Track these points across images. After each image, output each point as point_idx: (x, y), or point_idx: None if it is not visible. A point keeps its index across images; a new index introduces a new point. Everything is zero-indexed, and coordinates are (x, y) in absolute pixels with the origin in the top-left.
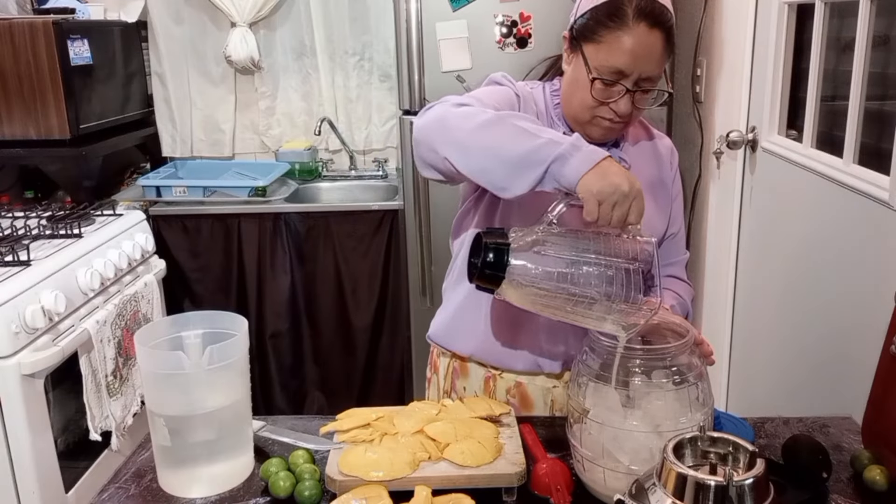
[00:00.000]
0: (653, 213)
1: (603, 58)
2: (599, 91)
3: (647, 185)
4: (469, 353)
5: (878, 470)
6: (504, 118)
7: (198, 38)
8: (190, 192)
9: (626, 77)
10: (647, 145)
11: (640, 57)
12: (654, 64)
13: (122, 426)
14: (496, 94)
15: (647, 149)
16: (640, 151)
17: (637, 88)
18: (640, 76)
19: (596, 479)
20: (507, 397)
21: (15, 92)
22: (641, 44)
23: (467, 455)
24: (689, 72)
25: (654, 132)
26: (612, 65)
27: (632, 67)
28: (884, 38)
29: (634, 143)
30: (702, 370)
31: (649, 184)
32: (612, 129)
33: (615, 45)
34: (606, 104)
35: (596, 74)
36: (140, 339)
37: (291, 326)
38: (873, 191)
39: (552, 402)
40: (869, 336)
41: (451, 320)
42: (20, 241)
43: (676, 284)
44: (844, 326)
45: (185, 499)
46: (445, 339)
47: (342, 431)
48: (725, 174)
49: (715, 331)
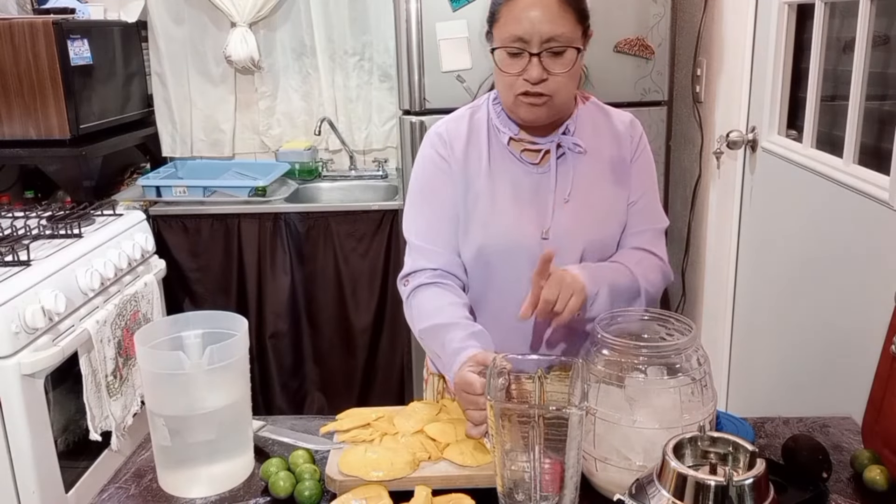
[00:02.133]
0: (614, 192)
1: (503, 30)
2: (507, 63)
3: (607, 165)
4: None
5: (878, 470)
6: (425, 338)
7: (198, 38)
8: (190, 192)
9: (528, 43)
10: (604, 127)
11: (533, 19)
12: (551, 23)
13: (122, 426)
14: (428, 197)
15: (604, 130)
16: (596, 134)
17: (543, 50)
18: (542, 38)
19: (591, 471)
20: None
21: (15, 92)
22: (531, 5)
23: (467, 455)
24: (689, 72)
25: (612, 112)
26: (511, 33)
27: (529, 31)
28: (884, 38)
29: (591, 128)
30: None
31: (609, 163)
32: (536, 104)
33: (509, 16)
34: (520, 76)
35: (497, 53)
36: (140, 339)
37: (291, 326)
38: (873, 191)
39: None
40: (869, 336)
41: None
42: (20, 241)
43: (629, 255)
44: (844, 326)
45: (185, 499)
46: None
47: (342, 431)
48: (725, 174)
49: (715, 330)
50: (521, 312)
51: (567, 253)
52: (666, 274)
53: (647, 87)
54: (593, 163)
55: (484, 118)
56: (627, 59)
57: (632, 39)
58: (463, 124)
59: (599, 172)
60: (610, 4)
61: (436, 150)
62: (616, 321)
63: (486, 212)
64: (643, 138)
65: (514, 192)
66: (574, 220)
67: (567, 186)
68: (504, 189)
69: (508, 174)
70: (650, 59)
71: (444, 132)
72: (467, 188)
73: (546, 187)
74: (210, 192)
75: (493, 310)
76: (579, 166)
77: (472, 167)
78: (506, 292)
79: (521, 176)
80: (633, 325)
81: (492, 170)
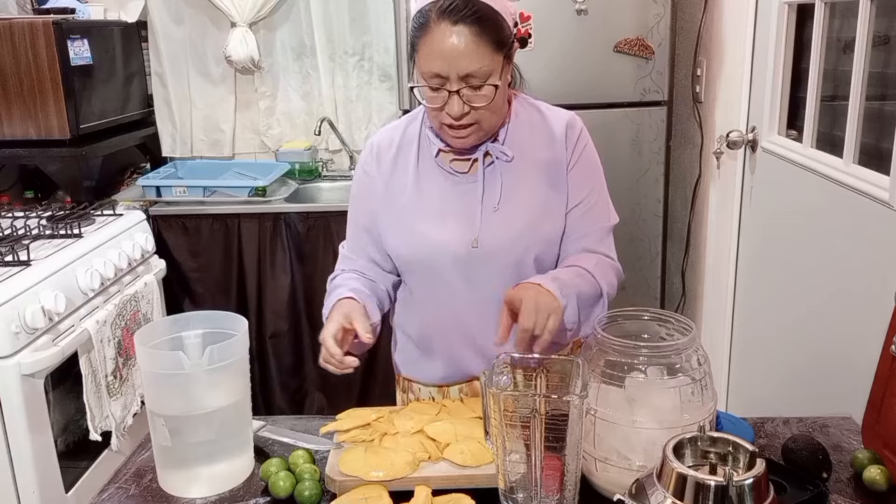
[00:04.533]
0: (548, 195)
1: (422, 65)
2: (429, 98)
3: (541, 167)
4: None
5: (878, 470)
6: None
7: (198, 38)
8: (190, 192)
9: (446, 79)
10: (540, 128)
11: (449, 56)
12: (468, 59)
13: (122, 426)
14: (353, 208)
15: (539, 132)
16: (531, 137)
17: (462, 87)
18: (459, 74)
19: (591, 471)
20: (461, 395)
21: (15, 92)
22: (447, 43)
23: (467, 455)
24: (689, 72)
25: (549, 113)
26: (429, 69)
27: (445, 68)
28: (884, 38)
29: (527, 130)
30: (705, 367)
31: (543, 165)
32: (461, 135)
33: (426, 51)
34: (443, 110)
35: (418, 82)
36: (140, 339)
37: (291, 326)
38: (873, 191)
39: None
40: (869, 336)
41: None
42: (20, 241)
43: (585, 259)
44: (844, 326)
45: (185, 499)
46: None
47: (342, 431)
48: (725, 174)
49: (715, 330)
50: (497, 340)
51: (499, 260)
52: (619, 273)
53: (647, 87)
54: (526, 167)
55: (417, 130)
56: (627, 59)
57: (632, 39)
58: (397, 135)
59: (533, 177)
60: (610, 4)
61: (364, 164)
62: (616, 321)
63: (412, 224)
64: (582, 138)
65: (442, 202)
66: (504, 228)
67: (496, 194)
68: (431, 200)
69: (436, 185)
70: (650, 59)
71: (377, 144)
72: (392, 202)
73: (475, 196)
74: (210, 192)
75: (431, 318)
76: (509, 173)
77: (399, 181)
78: (442, 301)
79: (449, 187)
80: (633, 325)
81: (419, 182)
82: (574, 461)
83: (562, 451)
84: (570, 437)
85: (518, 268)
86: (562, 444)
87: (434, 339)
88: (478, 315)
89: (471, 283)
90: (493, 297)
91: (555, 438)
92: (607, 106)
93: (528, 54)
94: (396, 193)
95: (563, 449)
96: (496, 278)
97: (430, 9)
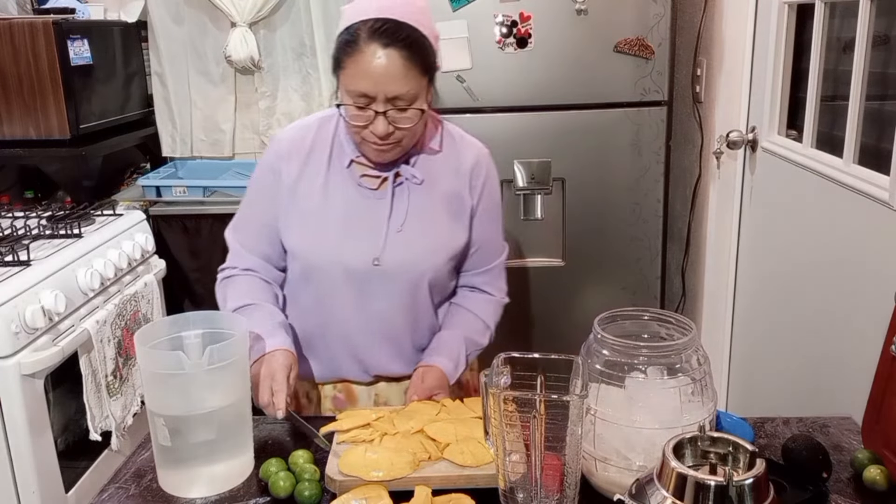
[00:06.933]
0: (448, 224)
1: (348, 83)
2: (354, 116)
3: (447, 196)
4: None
5: (878, 470)
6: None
7: (198, 38)
8: (190, 192)
9: (373, 100)
10: (450, 158)
11: (377, 78)
12: (396, 82)
13: (122, 426)
14: (252, 202)
15: (448, 162)
16: (442, 164)
17: (389, 108)
18: (386, 96)
19: (591, 471)
20: (335, 392)
21: (15, 92)
22: (376, 64)
23: (467, 455)
24: (689, 72)
25: (463, 145)
26: (356, 89)
27: (373, 89)
28: (884, 38)
29: (440, 157)
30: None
31: (445, 196)
32: (383, 150)
33: (354, 70)
34: (367, 128)
35: (344, 101)
36: (140, 339)
37: None
38: (873, 191)
39: (376, 396)
40: (869, 336)
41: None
42: (20, 241)
43: (475, 302)
44: (844, 326)
45: (185, 499)
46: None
47: (342, 431)
48: (725, 174)
49: (715, 330)
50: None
51: (397, 280)
52: (502, 305)
53: (647, 87)
54: (432, 194)
55: (330, 134)
56: (627, 59)
57: (632, 39)
58: (309, 136)
59: (438, 204)
60: (610, 4)
61: (270, 162)
62: (616, 321)
63: (315, 231)
64: (488, 180)
65: (347, 214)
66: (406, 251)
67: (402, 216)
68: (337, 210)
69: (343, 196)
70: (650, 59)
71: (288, 142)
72: (297, 203)
73: (381, 214)
74: (210, 192)
75: (317, 323)
76: (417, 196)
77: (306, 184)
78: (336, 312)
79: (357, 199)
80: (633, 324)
81: (327, 190)
82: (574, 461)
83: (562, 451)
84: (570, 437)
85: (413, 290)
86: (562, 444)
87: (315, 342)
88: (365, 329)
89: (364, 297)
90: (382, 313)
91: (555, 438)
92: (607, 106)
93: (528, 54)
94: (303, 196)
95: (563, 449)
96: (390, 296)
97: (359, 27)
